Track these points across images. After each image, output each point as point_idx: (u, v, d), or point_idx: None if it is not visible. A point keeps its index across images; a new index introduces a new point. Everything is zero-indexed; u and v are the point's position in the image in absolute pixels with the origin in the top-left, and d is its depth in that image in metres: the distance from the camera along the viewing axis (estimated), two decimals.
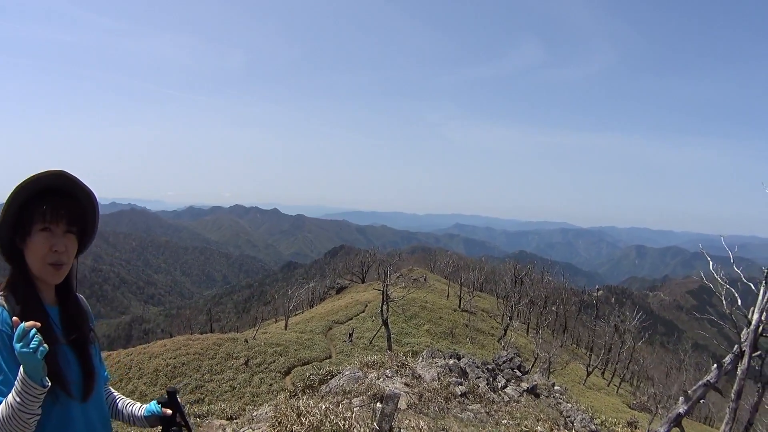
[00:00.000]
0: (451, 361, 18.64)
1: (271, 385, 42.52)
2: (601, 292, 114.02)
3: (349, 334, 55.58)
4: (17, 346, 3.11)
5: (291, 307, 70.84)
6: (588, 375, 61.24)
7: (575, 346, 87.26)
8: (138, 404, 4.28)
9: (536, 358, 53.06)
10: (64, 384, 3.51)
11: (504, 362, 22.27)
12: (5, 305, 3.46)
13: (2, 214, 3.50)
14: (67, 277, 3.81)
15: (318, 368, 31.21)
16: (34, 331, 3.14)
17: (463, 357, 20.35)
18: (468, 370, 18.64)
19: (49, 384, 3.25)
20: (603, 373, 72.33)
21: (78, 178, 3.74)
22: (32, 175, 3.51)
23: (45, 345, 3.16)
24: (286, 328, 59.65)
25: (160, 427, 4.19)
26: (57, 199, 3.63)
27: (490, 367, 20.18)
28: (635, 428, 22.41)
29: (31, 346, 3.11)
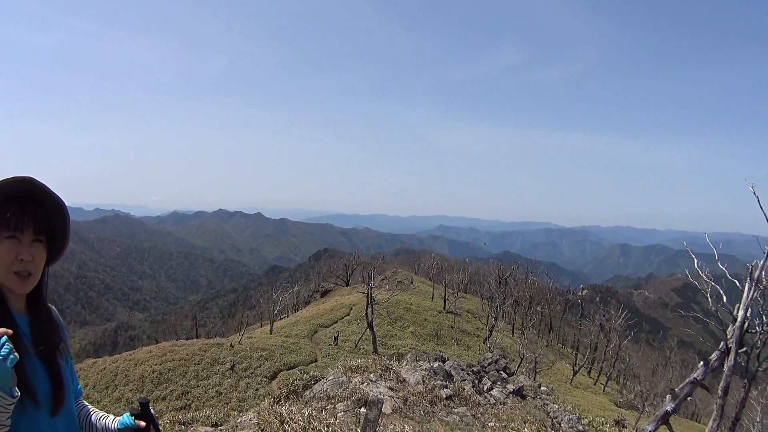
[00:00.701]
0: (436, 364, 18.58)
1: (257, 389, 42.32)
2: (586, 291, 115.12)
3: (335, 338, 55.65)
4: None
5: (276, 312, 70.75)
6: (574, 374, 61.45)
7: (561, 345, 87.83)
8: (111, 417, 4.14)
9: (522, 359, 52.89)
10: (33, 394, 3.41)
11: (489, 364, 22.31)
12: None
13: None
14: (38, 286, 3.68)
15: (303, 372, 31.07)
16: (4, 338, 3.05)
17: (448, 360, 20.36)
18: (453, 372, 18.61)
19: (19, 394, 3.15)
20: (589, 372, 72.63)
21: (46, 185, 3.58)
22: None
23: (15, 353, 3.06)
24: (271, 333, 59.64)
25: None
26: (23, 207, 3.50)
27: (475, 369, 20.15)
28: (623, 427, 22.43)
29: (1, 353, 3.04)
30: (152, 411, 4.05)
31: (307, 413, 10.98)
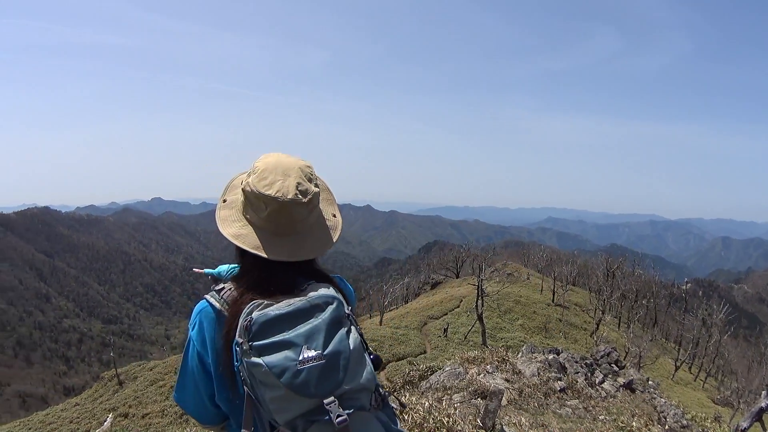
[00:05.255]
0: (551, 356, 18.47)
1: None
2: (689, 285, 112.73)
3: (444, 330, 55.29)
4: None
5: (386, 303, 70.83)
6: (676, 369, 60.52)
7: (664, 340, 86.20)
8: None
9: (627, 353, 52.49)
10: None
11: (602, 357, 22.13)
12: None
13: None
14: None
15: (412, 364, 31.07)
16: None
17: (562, 352, 20.27)
18: (567, 365, 18.51)
19: None
20: (690, 367, 71.31)
21: None
22: None
23: None
24: (380, 324, 59.38)
25: None
26: None
27: (588, 362, 20.02)
28: (719, 423, 22.15)
29: None
30: None
31: (427, 403, 11.07)
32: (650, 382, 22.24)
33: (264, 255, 3.01)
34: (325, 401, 2.59)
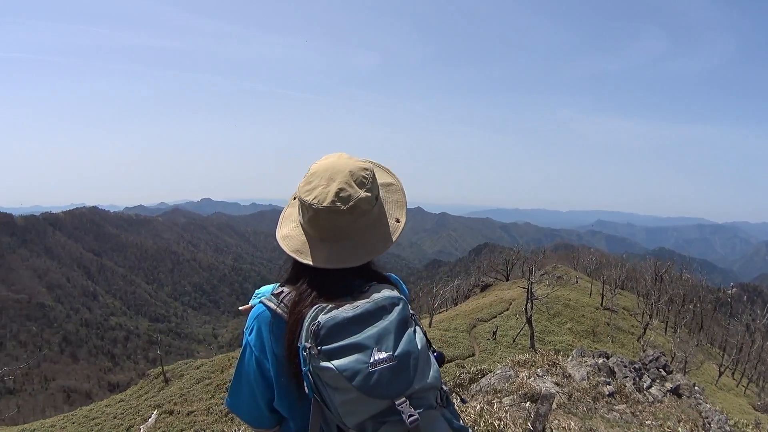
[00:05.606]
0: (600, 361, 18.44)
1: None
2: (735, 289, 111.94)
3: (493, 332, 55.26)
4: None
5: (435, 305, 70.87)
6: (720, 375, 59.99)
7: (709, 345, 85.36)
8: None
9: (673, 358, 51.92)
10: None
11: (650, 361, 22.00)
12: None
13: None
14: None
15: (461, 366, 31.06)
16: None
17: (611, 356, 20.20)
18: (616, 369, 18.40)
19: None
20: (733, 373, 70.29)
21: None
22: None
23: None
24: (430, 326, 59.46)
25: None
26: None
27: (636, 366, 19.91)
28: (759, 430, 21.90)
29: None
30: None
31: (478, 407, 11.06)
32: (696, 388, 22.12)
33: (300, 260, 3.10)
34: (397, 402, 2.59)
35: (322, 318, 2.71)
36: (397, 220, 3.28)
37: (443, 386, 2.86)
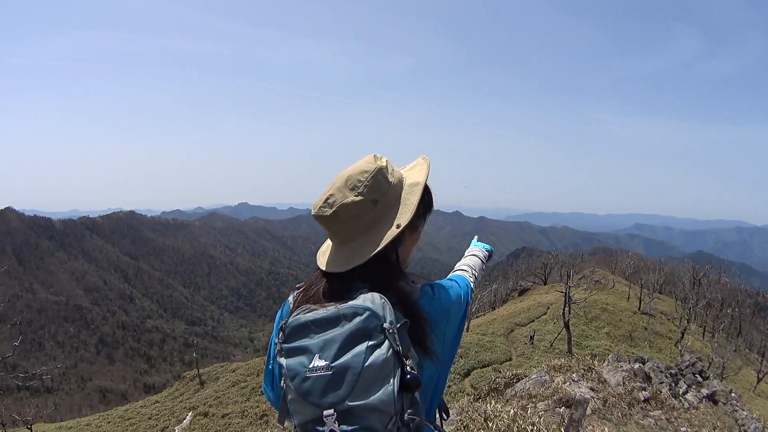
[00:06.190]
0: (636, 366, 18.17)
1: (449, 386, 41.53)
2: None
3: (531, 337, 55.32)
4: None
5: (473, 309, 70.80)
6: (759, 381, 59.06)
7: (748, 350, 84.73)
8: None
9: (710, 363, 51.49)
10: None
11: (687, 367, 21.82)
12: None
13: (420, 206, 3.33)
14: None
15: (497, 371, 31.06)
16: None
17: (647, 361, 20.04)
18: (652, 374, 18.21)
19: None
20: None
21: None
22: (429, 164, 3.50)
23: None
24: (467, 330, 59.08)
25: None
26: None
27: (672, 372, 19.72)
28: None
29: None
30: None
31: (512, 412, 10.90)
32: (733, 394, 21.91)
33: (317, 262, 3.25)
34: (325, 413, 2.60)
35: (291, 318, 2.80)
36: (398, 226, 3.09)
37: (408, 414, 2.69)
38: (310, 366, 2.61)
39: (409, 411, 2.66)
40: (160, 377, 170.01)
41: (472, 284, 3.71)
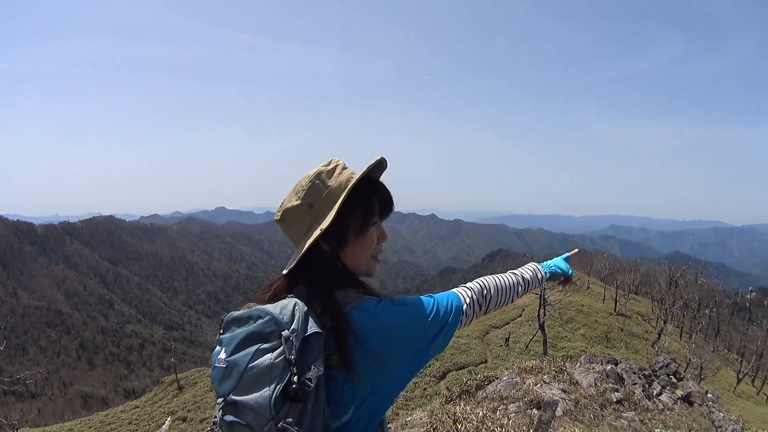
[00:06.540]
0: (609, 367, 18.33)
1: (425, 389, 42.53)
2: (754, 294, 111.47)
3: (506, 339, 55.63)
4: None
5: None
6: (738, 382, 59.79)
7: (726, 351, 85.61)
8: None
9: (688, 364, 51.96)
10: None
11: (660, 368, 21.88)
12: None
13: (342, 210, 3.08)
14: None
15: (472, 373, 31.09)
16: None
17: (620, 362, 20.11)
18: (624, 376, 18.34)
19: None
20: (753, 380, 70.27)
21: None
22: (369, 166, 3.14)
23: None
24: None
25: None
26: (378, 189, 3.28)
27: (646, 373, 19.77)
28: None
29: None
30: None
31: (480, 413, 11.02)
32: (709, 395, 21.96)
33: None
34: (217, 401, 2.73)
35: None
36: (321, 230, 3.05)
37: (284, 422, 2.66)
38: (218, 357, 2.75)
39: (288, 420, 2.64)
40: (139, 382, 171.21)
41: (467, 305, 3.39)
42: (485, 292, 3.55)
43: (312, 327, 2.80)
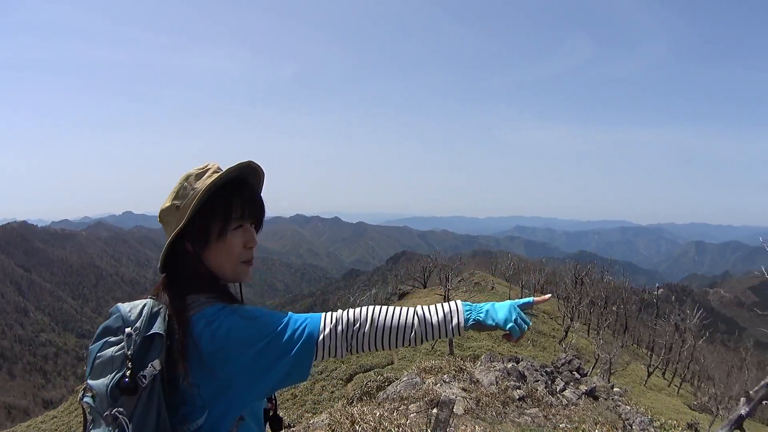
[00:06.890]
0: (510, 365, 18.51)
1: (332, 392, 42.65)
2: (661, 290, 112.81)
3: None
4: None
5: None
6: (648, 375, 60.81)
7: (636, 346, 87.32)
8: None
9: (597, 360, 52.58)
10: None
11: (563, 365, 22.18)
12: None
13: (194, 213, 3.07)
14: None
15: (379, 374, 31.27)
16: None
17: (522, 360, 20.29)
18: (527, 373, 18.54)
19: None
20: (663, 373, 71.64)
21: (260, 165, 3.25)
22: (228, 169, 3.13)
23: None
24: None
25: None
26: (243, 192, 3.20)
27: (548, 370, 20.01)
28: (696, 430, 22.09)
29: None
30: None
31: (378, 414, 11.16)
32: (615, 389, 22.29)
33: None
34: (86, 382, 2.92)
35: None
36: (177, 229, 3.09)
37: (115, 410, 2.78)
38: None
39: (119, 409, 2.74)
40: (56, 392, 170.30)
41: (325, 335, 2.95)
42: (357, 326, 3.00)
43: (157, 327, 2.86)
